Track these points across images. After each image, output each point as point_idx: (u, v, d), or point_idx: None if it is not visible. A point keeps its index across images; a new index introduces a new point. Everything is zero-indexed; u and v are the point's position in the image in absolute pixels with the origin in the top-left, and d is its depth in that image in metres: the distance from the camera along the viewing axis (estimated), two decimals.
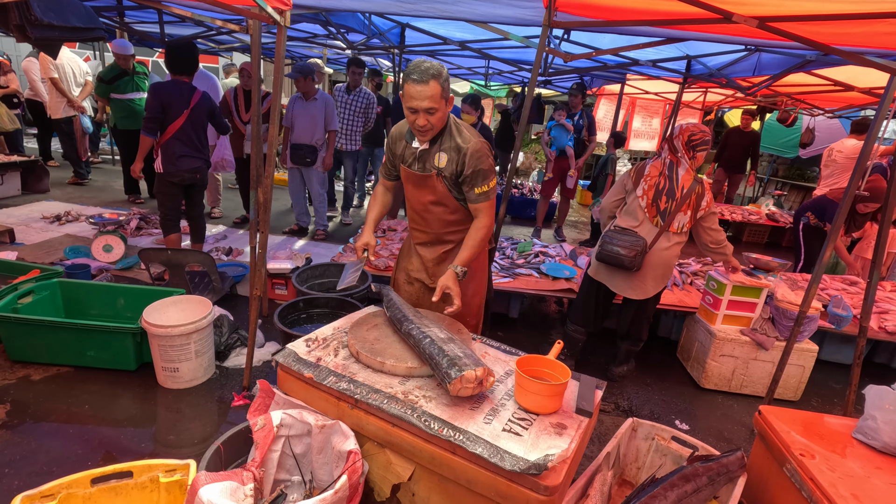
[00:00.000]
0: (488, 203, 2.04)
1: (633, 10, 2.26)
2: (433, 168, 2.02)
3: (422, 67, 1.82)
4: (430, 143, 2.01)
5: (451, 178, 2.02)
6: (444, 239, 2.21)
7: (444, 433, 1.45)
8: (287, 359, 1.80)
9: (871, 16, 1.99)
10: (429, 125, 1.90)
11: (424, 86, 1.80)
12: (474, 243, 2.02)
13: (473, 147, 1.94)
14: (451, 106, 1.94)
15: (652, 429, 2.20)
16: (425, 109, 1.84)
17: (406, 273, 2.35)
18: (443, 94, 1.84)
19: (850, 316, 3.36)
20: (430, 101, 1.82)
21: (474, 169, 1.95)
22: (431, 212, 2.14)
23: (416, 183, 2.10)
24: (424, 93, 1.80)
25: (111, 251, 3.90)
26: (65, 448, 2.16)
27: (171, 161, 3.57)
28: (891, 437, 1.87)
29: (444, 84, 1.84)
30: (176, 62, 3.54)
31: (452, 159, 1.98)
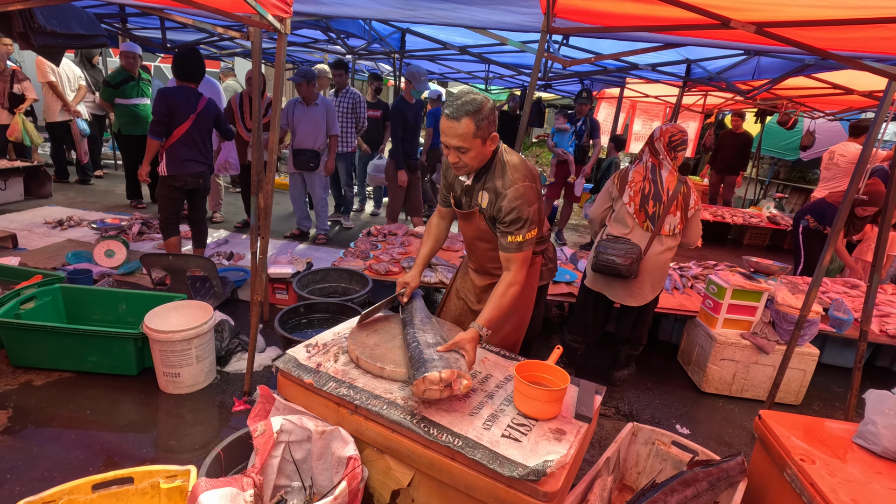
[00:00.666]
0: (521, 255, 1.81)
1: (631, 16, 2.28)
2: (476, 205, 1.92)
3: (458, 101, 1.68)
4: (475, 179, 1.89)
5: (490, 219, 1.91)
6: (491, 272, 2.14)
7: (443, 439, 1.46)
8: (287, 364, 1.81)
9: (868, 21, 1.99)
10: (460, 163, 1.78)
11: (456, 123, 1.67)
12: (499, 304, 1.80)
13: (514, 192, 1.77)
14: (494, 143, 1.79)
15: (652, 433, 2.20)
16: (455, 147, 1.73)
17: (457, 289, 2.34)
18: (477, 133, 1.68)
19: (851, 319, 3.36)
20: (460, 139, 1.69)
21: (510, 215, 1.78)
22: (478, 246, 2.09)
23: (462, 217, 2.04)
24: (455, 130, 1.68)
25: (113, 256, 3.91)
26: (66, 453, 2.17)
27: (176, 165, 3.62)
28: (891, 441, 1.87)
29: (481, 122, 1.68)
30: (183, 69, 3.63)
31: (492, 201, 1.85)
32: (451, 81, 10.36)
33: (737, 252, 6.87)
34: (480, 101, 1.68)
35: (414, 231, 4.69)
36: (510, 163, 1.84)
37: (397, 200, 5.14)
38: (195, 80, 3.69)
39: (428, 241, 2.17)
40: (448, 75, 7.90)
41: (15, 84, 5.78)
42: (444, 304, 2.42)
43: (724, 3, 2.11)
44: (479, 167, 1.84)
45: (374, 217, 6.95)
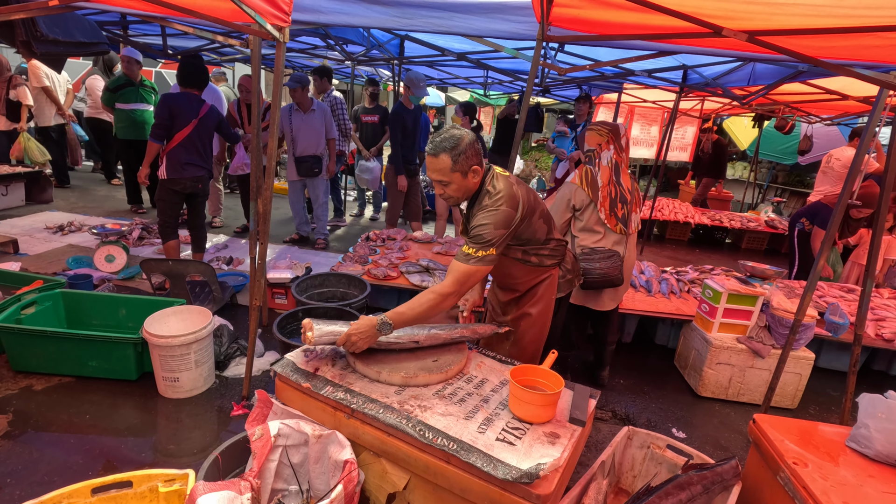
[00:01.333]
0: (464, 269, 1.79)
1: (624, 24, 2.31)
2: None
3: (438, 139, 1.79)
4: (469, 206, 1.98)
5: None
6: (510, 286, 2.20)
7: (438, 442, 1.48)
8: (285, 369, 1.83)
9: (858, 30, 2.02)
10: (445, 194, 1.89)
11: (435, 158, 1.79)
12: (415, 307, 1.80)
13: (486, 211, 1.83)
14: (476, 175, 1.85)
15: (647, 437, 2.21)
16: (437, 181, 1.85)
17: (489, 301, 2.39)
18: (454, 167, 1.78)
19: (846, 323, 3.37)
20: (440, 173, 1.81)
21: (475, 229, 1.83)
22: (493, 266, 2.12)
23: None
24: (435, 165, 1.80)
25: (113, 261, 3.94)
26: (66, 458, 2.19)
27: (176, 168, 3.67)
28: (883, 445, 1.88)
29: (458, 157, 1.77)
30: (187, 76, 3.71)
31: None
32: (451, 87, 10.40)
33: (735, 256, 6.90)
34: (458, 138, 1.78)
35: (412, 236, 4.72)
36: (495, 189, 1.87)
37: (396, 205, 5.17)
38: (198, 86, 3.76)
39: None
40: (447, 81, 7.95)
41: (10, 90, 5.80)
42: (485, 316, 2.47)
43: (717, 13, 2.14)
44: (464, 198, 1.92)
45: (373, 222, 6.98)
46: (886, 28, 1.98)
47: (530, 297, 2.19)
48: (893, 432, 1.87)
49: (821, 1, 1.89)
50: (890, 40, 2.10)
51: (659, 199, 7.46)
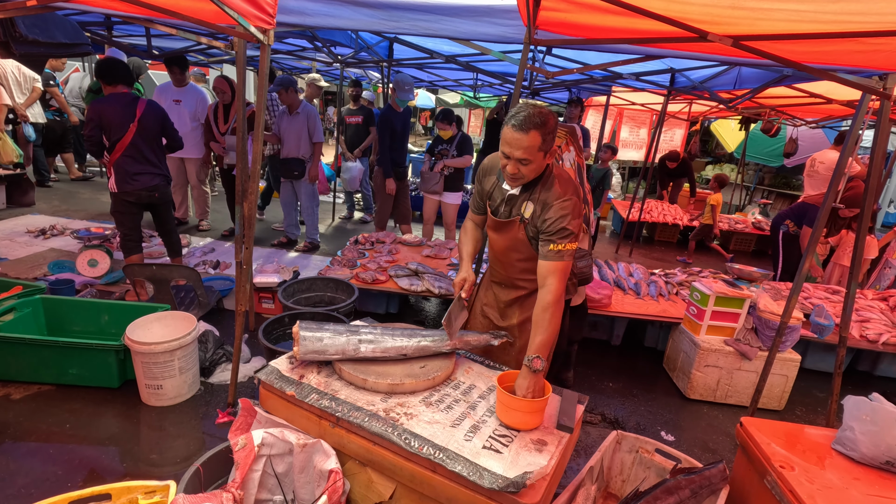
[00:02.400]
0: (562, 265, 1.76)
1: (611, 28, 2.31)
2: (518, 214, 1.91)
3: (524, 113, 1.67)
4: (522, 188, 1.88)
5: (532, 230, 1.89)
6: (517, 284, 2.11)
7: (424, 451, 1.46)
8: (269, 376, 1.79)
9: (841, 35, 2.04)
10: (519, 174, 1.77)
11: (523, 135, 1.66)
12: (546, 325, 1.71)
13: (561, 203, 1.78)
14: (551, 157, 1.79)
15: (636, 441, 2.21)
16: (518, 159, 1.71)
17: (482, 304, 2.29)
18: (542, 146, 1.69)
19: (832, 325, 3.41)
20: (525, 151, 1.68)
21: (556, 224, 1.77)
22: (509, 256, 2.05)
23: (497, 228, 2.00)
24: (521, 142, 1.67)
25: (96, 266, 3.87)
26: (45, 469, 2.14)
27: (125, 180, 3.34)
28: (868, 447, 1.90)
29: (548, 136, 1.68)
30: (108, 73, 3.30)
31: (537, 211, 1.84)
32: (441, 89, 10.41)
33: (723, 258, 6.96)
34: (546, 115, 1.68)
35: (402, 239, 4.70)
36: (560, 177, 1.86)
37: (386, 208, 5.14)
38: (125, 81, 3.35)
39: (469, 242, 2.13)
40: (436, 83, 7.94)
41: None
42: (469, 320, 2.34)
43: (702, 17, 2.15)
44: (532, 179, 1.83)
45: (363, 224, 6.94)
46: (868, 34, 2.00)
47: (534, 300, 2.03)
48: (878, 435, 1.89)
49: (804, 7, 1.90)
50: (872, 45, 2.12)
51: (648, 202, 7.51)
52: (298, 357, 1.80)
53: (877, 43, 2.09)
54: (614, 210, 8.02)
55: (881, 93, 2.24)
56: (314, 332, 1.82)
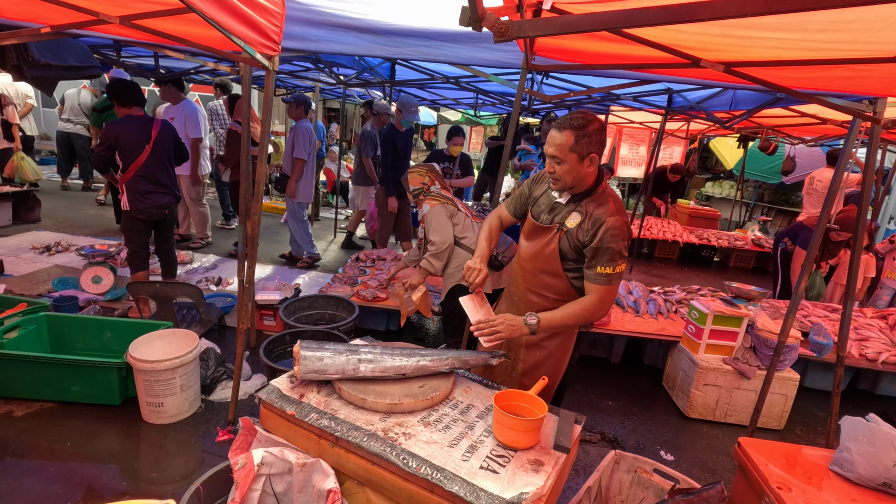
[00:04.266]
0: (607, 289, 1.82)
1: (606, 54, 2.38)
2: (559, 223, 1.91)
3: (568, 116, 1.77)
4: (571, 199, 1.90)
5: (574, 242, 1.87)
6: (528, 299, 2.09)
7: (422, 471, 1.47)
8: (270, 395, 1.81)
9: (830, 62, 2.10)
10: (556, 174, 1.82)
11: (557, 133, 1.76)
12: (570, 313, 1.83)
13: (613, 222, 1.78)
14: (592, 165, 1.80)
15: (634, 461, 2.21)
16: (551, 156, 1.80)
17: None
18: (574, 146, 1.74)
19: (831, 343, 3.42)
20: (558, 149, 1.77)
21: (605, 246, 1.79)
22: (532, 264, 2.04)
23: (532, 233, 2.01)
24: (554, 139, 1.77)
25: (100, 282, 3.91)
26: (45, 487, 2.15)
27: (137, 198, 3.47)
28: (865, 469, 1.90)
29: (581, 138, 1.73)
30: (121, 95, 3.42)
31: (585, 227, 1.84)
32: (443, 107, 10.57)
33: (723, 275, 6.98)
34: (588, 120, 1.75)
35: (403, 256, 4.74)
36: (613, 197, 1.89)
37: (387, 226, 5.19)
38: (138, 103, 3.48)
39: (490, 238, 2.15)
40: (438, 102, 8.08)
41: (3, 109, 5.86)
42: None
43: (695, 44, 2.21)
44: (572, 185, 1.85)
45: (363, 240, 6.99)
46: (856, 60, 2.06)
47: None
48: (875, 456, 1.89)
49: (792, 35, 1.96)
50: (859, 72, 2.17)
51: (647, 218, 7.55)
52: (299, 377, 1.82)
53: (864, 69, 2.14)
54: None
55: (871, 117, 2.30)
56: (314, 351, 1.84)
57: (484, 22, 0.79)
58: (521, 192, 2.12)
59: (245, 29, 1.95)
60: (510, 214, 2.19)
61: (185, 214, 5.83)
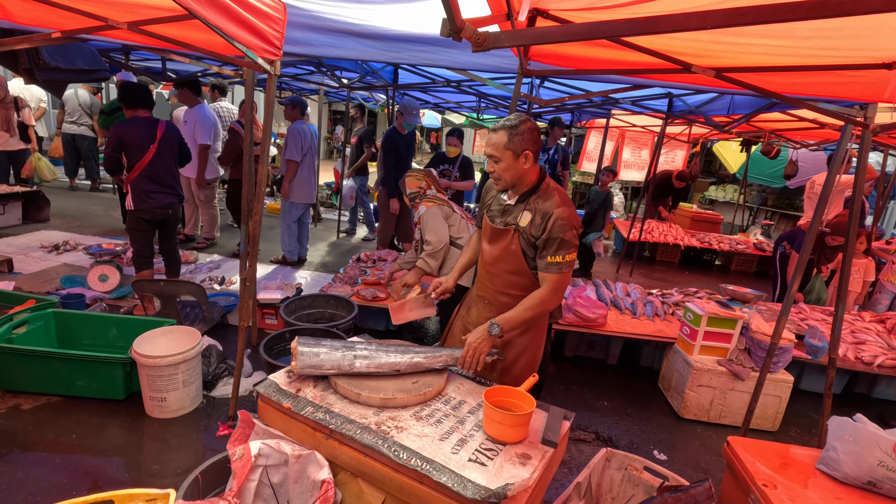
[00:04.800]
0: (559, 277, 1.92)
1: (600, 59, 2.43)
2: (513, 224, 2.01)
3: (504, 119, 1.92)
4: (518, 199, 2.01)
5: (532, 238, 1.97)
6: (498, 300, 2.17)
7: (412, 462, 1.52)
8: (268, 389, 1.87)
9: (817, 68, 2.14)
10: (495, 174, 1.94)
11: (493, 133, 1.91)
12: (526, 307, 1.93)
13: (560, 213, 1.89)
14: (528, 161, 1.91)
15: (625, 459, 2.25)
16: (489, 155, 1.92)
17: (463, 323, 2.37)
18: (508, 144, 1.86)
19: (825, 346, 3.43)
20: (493, 148, 1.90)
21: (554, 236, 1.89)
22: (497, 266, 2.12)
23: (491, 237, 2.11)
24: (491, 139, 1.91)
25: (107, 281, 3.99)
26: (51, 478, 2.21)
27: (142, 198, 3.56)
28: (850, 467, 1.93)
29: (514, 136, 1.86)
30: (129, 98, 3.52)
31: (535, 222, 1.94)
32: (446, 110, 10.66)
33: (724, 279, 6.98)
34: (520, 120, 1.89)
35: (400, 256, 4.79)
36: (558, 190, 2.00)
37: (388, 227, 5.26)
38: (147, 105, 3.57)
39: (467, 253, 2.32)
40: (441, 105, 8.16)
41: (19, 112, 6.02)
42: (447, 338, 2.45)
43: (686, 50, 2.26)
44: (512, 182, 1.96)
45: (365, 242, 7.06)
46: (844, 66, 2.10)
47: None
48: (860, 455, 1.92)
49: (781, 42, 2.01)
50: (848, 77, 2.21)
51: (649, 222, 7.58)
52: (296, 371, 1.88)
53: (853, 75, 2.18)
54: (616, 230, 8.09)
55: (861, 123, 2.33)
56: (312, 347, 1.90)
57: (462, 33, 0.85)
58: (481, 202, 2.24)
59: (247, 34, 2.01)
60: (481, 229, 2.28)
61: (191, 214, 5.92)
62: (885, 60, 1.99)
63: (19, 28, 2.83)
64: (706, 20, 0.74)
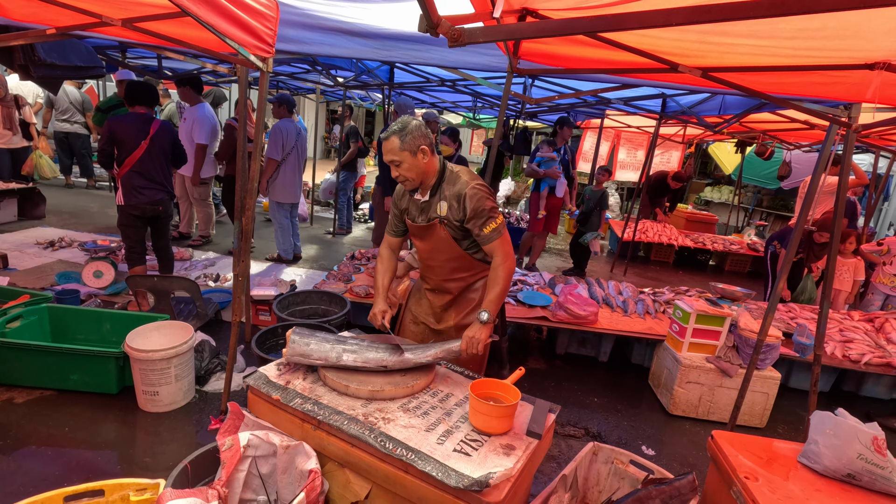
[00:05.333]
0: (501, 239, 2.05)
1: (588, 59, 2.46)
2: (436, 216, 2.11)
3: (393, 125, 2.01)
4: (430, 194, 2.11)
5: (456, 223, 2.08)
6: (449, 287, 2.28)
7: (397, 452, 1.55)
8: (257, 381, 1.90)
9: (800, 68, 2.18)
10: (401, 176, 2.03)
11: (386, 141, 2.00)
12: (500, 283, 2.02)
13: (471, 190, 2.01)
14: (426, 155, 2.01)
15: (611, 452, 2.28)
16: (390, 161, 2.02)
17: (412, 314, 2.46)
18: (402, 146, 1.96)
19: (813, 344, 3.47)
20: (391, 154, 1.99)
21: (476, 210, 2.01)
22: (436, 258, 2.23)
23: (420, 234, 2.20)
24: (386, 147, 2.00)
25: (101, 277, 4.01)
26: (43, 469, 2.23)
27: (132, 193, 3.56)
28: (831, 460, 1.97)
29: (405, 137, 1.96)
30: (132, 94, 3.55)
31: (453, 206, 2.06)
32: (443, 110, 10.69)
33: (717, 279, 7.02)
34: (406, 122, 2.00)
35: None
36: (459, 171, 2.11)
37: (384, 225, 5.28)
38: (146, 103, 3.59)
39: (385, 273, 2.29)
40: (437, 105, 8.19)
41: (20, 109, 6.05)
42: (399, 331, 2.51)
43: (673, 50, 2.30)
44: (418, 179, 2.06)
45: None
46: (827, 67, 2.14)
47: (467, 302, 2.28)
48: (840, 448, 1.96)
49: (764, 42, 2.04)
50: (832, 78, 2.25)
51: (643, 222, 7.62)
52: (285, 358, 1.91)
53: (836, 76, 2.22)
54: (611, 229, 8.13)
55: (844, 123, 2.37)
56: (304, 337, 1.93)
57: (439, 28, 0.88)
58: (394, 213, 2.30)
59: (239, 32, 2.04)
60: (395, 237, 2.33)
61: (186, 212, 5.93)
62: (866, 61, 2.03)
63: (14, 24, 2.85)
64: (672, 17, 0.77)
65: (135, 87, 3.58)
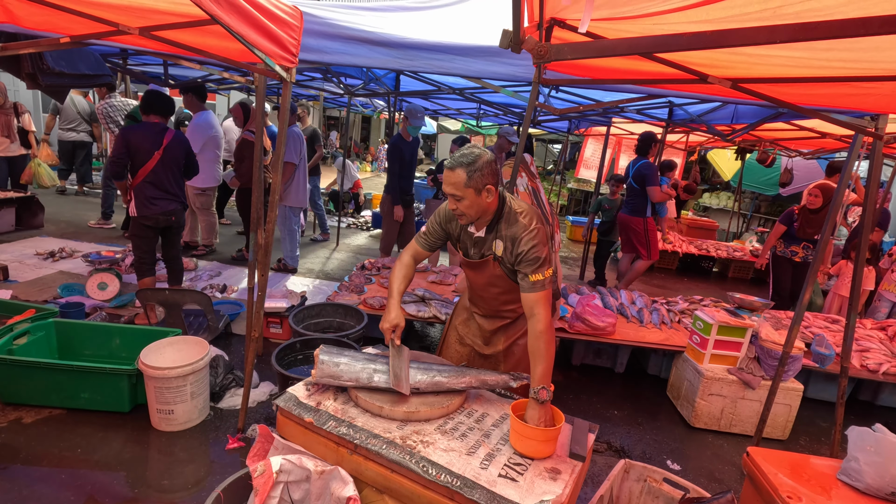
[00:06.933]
0: (544, 294, 1.86)
1: (616, 69, 2.43)
2: (490, 253, 2.00)
3: (458, 154, 1.84)
4: (487, 230, 1.99)
5: (508, 265, 1.97)
6: (502, 314, 2.22)
7: (441, 479, 1.49)
8: (287, 403, 1.83)
9: (833, 79, 2.16)
10: (458, 210, 1.88)
11: (451, 172, 1.82)
12: (545, 356, 1.77)
13: (530, 235, 1.87)
14: (490, 195, 1.85)
15: (644, 470, 2.23)
16: (450, 194, 1.86)
17: (459, 334, 2.36)
18: (468, 182, 1.79)
19: (832, 354, 3.45)
20: (453, 187, 1.83)
21: (531, 254, 1.86)
22: (489, 291, 2.15)
23: (473, 267, 2.10)
24: (450, 178, 1.83)
25: (106, 289, 3.91)
26: (55, 494, 2.14)
27: (144, 204, 3.51)
28: (873, 478, 1.93)
29: (473, 174, 1.79)
30: (148, 104, 3.53)
31: (508, 247, 1.93)
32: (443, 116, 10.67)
33: (722, 286, 7.04)
34: (476, 155, 1.82)
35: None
36: (520, 211, 1.94)
37: (391, 234, 5.22)
38: (161, 112, 3.56)
39: (402, 280, 2.12)
40: (440, 112, 8.17)
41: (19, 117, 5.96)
42: (443, 349, 2.43)
43: (702, 61, 2.27)
44: (476, 217, 1.91)
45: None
46: (859, 78, 2.12)
47: (518, 327, 2.22)
48: (882, 466, 1.92)
49: (798, 54, 2.02)
50: (863, 89, 2.23)
51: None
52: (315, 379, 1.84)
53: (867, 87, 2.20)
54: None
55: (873, 133, 2.36)
56: (333, 357, 1.87)
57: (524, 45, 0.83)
58: (433, 229, 2.14)
59: (266, 42, 1.99)
60: (425, 249, 2.18)
61: (188, 221, 5.84)
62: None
63: (23, 32, 2.78)
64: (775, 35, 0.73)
65: (152, 96, 3.54)
